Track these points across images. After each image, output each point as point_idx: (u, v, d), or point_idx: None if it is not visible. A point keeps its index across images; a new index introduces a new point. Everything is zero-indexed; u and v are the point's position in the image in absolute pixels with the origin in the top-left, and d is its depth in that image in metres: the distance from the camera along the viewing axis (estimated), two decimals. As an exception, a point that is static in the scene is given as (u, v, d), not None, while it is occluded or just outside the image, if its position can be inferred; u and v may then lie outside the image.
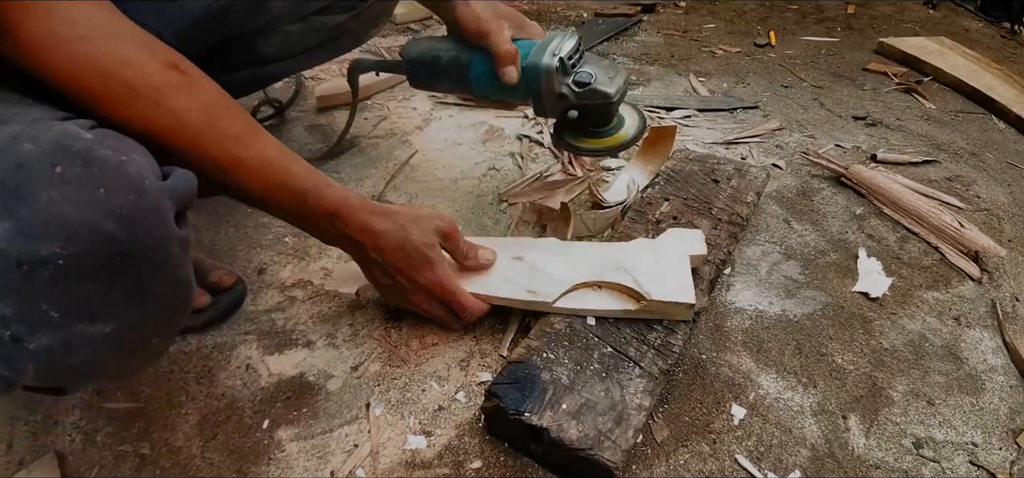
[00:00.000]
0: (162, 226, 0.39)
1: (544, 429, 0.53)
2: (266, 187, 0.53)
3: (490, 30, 0.67)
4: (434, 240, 0.62)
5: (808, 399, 0.62)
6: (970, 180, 1.00)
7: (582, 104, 0.67)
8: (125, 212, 0.37)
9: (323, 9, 0.81)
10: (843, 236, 0.85)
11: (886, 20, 1.79)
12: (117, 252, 0.37)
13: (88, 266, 0.36)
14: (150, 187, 0.39)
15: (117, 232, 0.36)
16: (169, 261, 0.40)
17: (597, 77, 0.65)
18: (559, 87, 0.66)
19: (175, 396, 0.62)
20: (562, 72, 0.65)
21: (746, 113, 1.21)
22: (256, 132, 0.53)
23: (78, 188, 0.36)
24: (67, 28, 0.42)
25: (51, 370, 0.38)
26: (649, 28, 1.69)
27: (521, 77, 0.67)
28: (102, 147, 0.38)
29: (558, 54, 0.65)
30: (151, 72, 0.46)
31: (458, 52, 0.72)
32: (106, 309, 0.38)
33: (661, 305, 0.62)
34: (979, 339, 0.70)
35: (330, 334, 0.69)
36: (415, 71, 0.77)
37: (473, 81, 0.72)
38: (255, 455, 0.57)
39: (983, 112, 1.24)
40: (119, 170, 0.38)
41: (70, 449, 0.57)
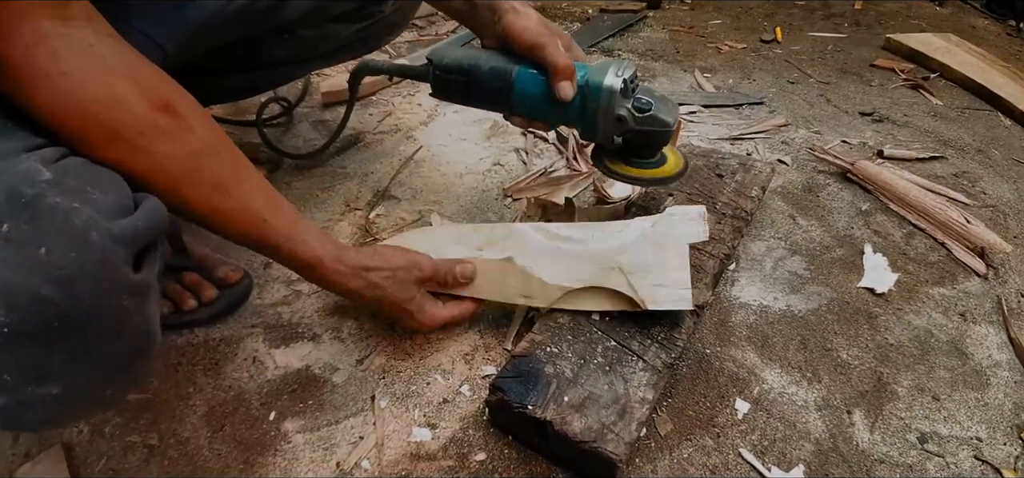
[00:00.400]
0: (107, 282, 0.38)
1: (548, 422, 0.53)
2: (245, 234, 0.53)
3: (545, 43, 0.63)
4: (412, 293, 0.62)
5: (812, 394, 0.62)
6: (976, 176, 0.99)
7: (640, 129, 0.64)
8: (63, 273, 0.35)
9: (339, 17, 0.80)
10: (849, 232, 0.85)
11: (893, 16, 1.78)
12: (54, 316, 0.35)
13: (28, 332, 0.35)
14: (96, 239, 0.37)
15: (54, 295, 0.35)
16: (116, 316, 0.39)
17: (656, 105, 0.64)
18: (619, 109, 0.64)
19: (183, 388, 0.63)
20: (624, 93, 0.64)
21: (752, 109, 1.20)
22: (240, 179, 0.52)
23: (19, 249, 0.35)
24: (51, 62, 0.40)
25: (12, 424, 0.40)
26: (654, 24, 1.69)
27: (578, 95, 0.64)
28: (54, 193, 0.37)
29: (622, 76, 0.63)
30: (137, 114, 0.44)
31: (502, 63, 0.67)
32: (52, 372, 0.37)
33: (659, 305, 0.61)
34: (984, 335, 0.70)
35: (335, 328, 0.70)
36: (446, 80, 0.71)
37: (516, 95, 0.67)
38: (262, 446, 0.57)
39: (989, 109, 1.23)
40: (64, 223, 0.36)
41: (78, 441, 0.58)
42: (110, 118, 0.43)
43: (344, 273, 0.59)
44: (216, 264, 0.72)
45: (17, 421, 0.39)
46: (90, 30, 0.43)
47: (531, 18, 0.65)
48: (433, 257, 0.64)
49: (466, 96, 0.71)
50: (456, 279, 0.64)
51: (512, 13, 0.65)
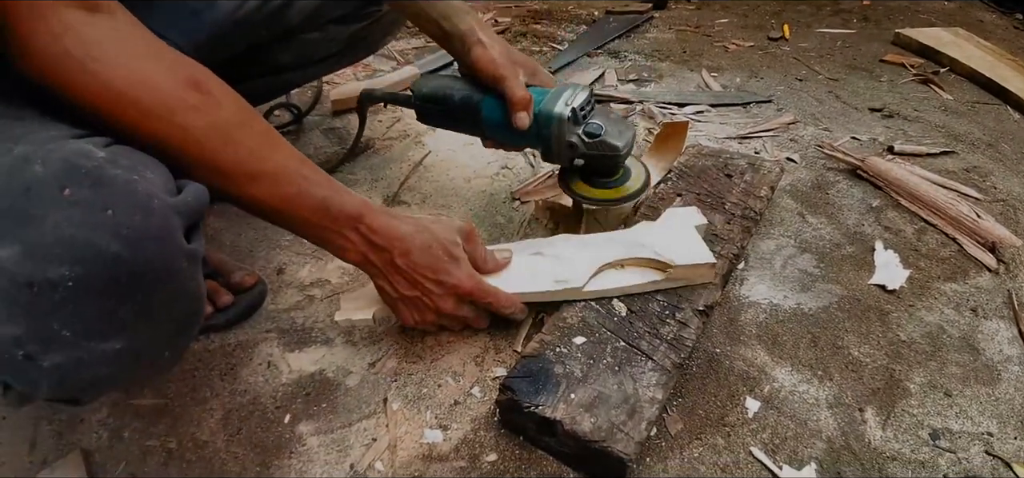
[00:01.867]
0: (169, 244, 0.40)
1: (558, 421, 0.54)
2: (283, 198, 0.53)
3: (505, 75, 0.68)
4: (458, 239, 0.62)
5: (824, 392, 0.62)
6: (987, 171, 0.98)
7: (590, 154, 0.69)
8: (131, 232, 0.38)
9: (340, 18, 0.83)
10: (859, 229, 0.85)
11: (902, 11, 1.76)
12: (123, 272, 0.38)
13: (96, 287, 0.37)
14: (158, 206, 0.39)
15: (123, 252, 0.37)
16: (177, 277, 0.41)
17: (607, 130, 0.68)
18: (569, 136, 0.68)
19: (200, 392, 0.64)
20: (573, 122, 0.68)
21: (759, 107, 1.20)
22: (275, 146, 0.53)
23: (85, 210, 0.37)
24: (81, 49, 0.42)
25: (64, 385, 0.40)
26: (661, 24, 1.69)
27: (533, 123, 0.69)
28: (112, 166, 0.39)
29: (571, 104, 0.68)
30: (165, 90, 0.46)
31: (470, 93, 0.74)
32: (116, 327, 0.39)
33: (685, 270, 0.65)
34: (996, 330, 0.70)
35: (348, 332, 0.71)
36: (426, 109, 0.79)
37: (484, 123, 0.74)
38: (278, 449, 0.58)
39: (999, 103, 1.22)
40: (127, 190, 0.39)
41: (97, 445, 0.59)
42: (141, 97, 0.44)
43: (394, 214, 0.60)
44: (232, 269, 0.74)
45: (71, 382, 0.39)
46: (115, 19, 0.45)
47: (495, 50, 0.70)
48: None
49: (445, 122, 0.79)
50: (487, 259, 0.65)
51: (478, 46, 0.70)
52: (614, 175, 0.73)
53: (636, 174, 0.76)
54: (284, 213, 0.54)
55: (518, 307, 0.65)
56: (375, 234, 0.57)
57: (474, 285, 0.62)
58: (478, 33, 0.70)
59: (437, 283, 0.60)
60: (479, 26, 0.71)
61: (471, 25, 0.71)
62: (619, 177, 0.74)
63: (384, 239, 0.58)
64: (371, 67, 1.43)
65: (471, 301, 0.63)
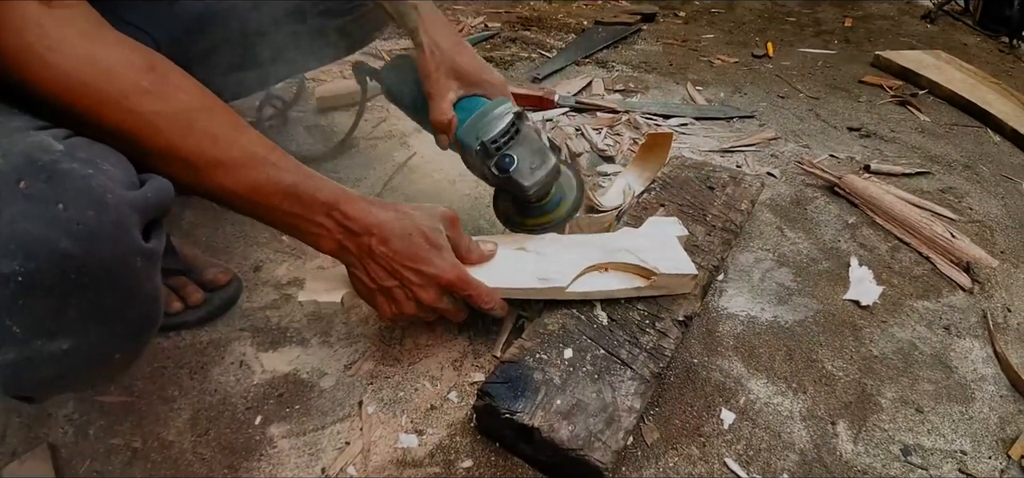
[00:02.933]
0: (123, 242, 0.39)
1: (535, 429, 0.53)
2: (250, 186, 0.50)
3: (432, 93, 0.67)
4: (440, 226, 0.60)
5: (797, 404, 0.63)
6: (963, 192, 1.00)
7: (499, 188, 0.68)
8: (82, 229, 0.37)
9: (323, 12, 0.81)
10: (835, 245, 0.86)
11: (883, 34, 1.81)
12: (72, 269, 0.36)
13: (45, 283, 0.36)
14: (112, 201, 0.38)
15: (72, 249, 0.36)
16: (131, 277, 0.40)
17: (519, 165, 0.64)
18: (481, 168, 0.67)
19: (168, 391, 0.62)
20: (484, 154, 0.65)
21: (742, 122, 1.22)
22: (240, 131, 0.51)
23: (38, 204, 0.36)
24: (38, 38, 0.42)
25: (16, 383, 0.39)
26: (648, 37, 1.70)
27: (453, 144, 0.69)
28: (69, 160, 0.38)
29: (481, 138, 0.65)
30: (122, 78, 0.45)
31: (417, 95, 0.71)
32: (64, 326, 0.38)
33: (668, 279, 0.66)
34: (969, 348, 0.71)
35: (324, 332, 0.70)
36: (390, 95, 0.79)
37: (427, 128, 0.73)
38: (247, 451, 0.57)
39: (978, 125, 1.25)
40: (81, 184, 0.38)
41: (63, 441, 0.57)
42: (98, 85, 0.44)
43: (371, 201, 0.57)
44: (205, 266, 0.72)
45: (21, 379, 0.38)
46: (73, 11, 0.44)
47: (433, 59, 0.67)
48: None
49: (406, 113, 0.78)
50: (471, 249, 0.63)
51: (421, 51, 0.67)
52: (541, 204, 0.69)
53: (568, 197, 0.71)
54: (253, 202, 0.51)
55: (498, 303, 0.63)
56: (351, 220, 0.55)
57: (456, 275, 0.59)
58: (423, 34, 0.67)
59: (417, 272, 0.58)
60: (425, 26, 0.67)
61: (416, 24, 0.67)
62: (546, 202, 0.70)
63: (361, 225, 0.55)
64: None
65: (451, 292, 0.61)
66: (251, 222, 0.85)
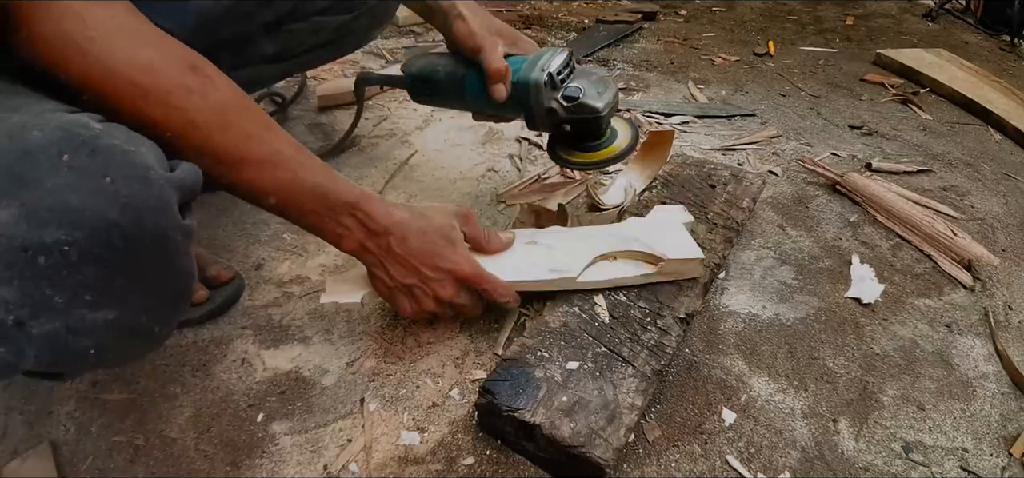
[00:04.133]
0: (166, 216, 0.40)
1: (537, 426, 0.53)
2: (278, 184, 0.52)
3: (483, 46, 0.69)
4: (455, 223, 0.62)
5: (799, 402, 0.63)
6: (965, 190, 1.00)
7: (571, 118, 0.68)
8: (130, 200, 0.38)
9: (325, 9, 0.82)
10: (837, 243, 0.86)
11: (884, 32, 1.80)
12: (121, 239, 0.37)
13: (92, 253, 0.37)
14: (155, 177, 0.40)
15: (120, 219, 0.37)
16: (172, 250, 0.41)
17: (586, 91, 0.67)
18: (548, 101, 0.67)
19: (170, 388, 0.62)
20: (551, 86, 0.67)
21: (744, 120, 1.22)
22: (272, 132, 0.53)
23: (84, 176, 0.36)
24: (78, 28, 0.42)
25: (53, 355, 0.39)
26: (650, 35, 1.70)
27: (512, 92, 0.69)
28: (109, 137, 0.39)
29: (547, 69, 0.67)
30: (164, 74, 0.46)
31: (454, 68, 0.74)
32: (109, 296, 0.39)
33: (676, 264, 0.67)
34: (971, 346, 0.71)
35: (326, 330, 0.70)
36: (416, 87, 0.79)
37: (469, 96, 0.74)
38: (249, 448, 0.57)
39: (980, 123, 1.25)
40: (125, 159, 0.38)
41: (65, 439, 0.57)
42: (139, 79, 0.45)
43: (389, 202, 0.59)
44: (208, 263, 0.72)
45: (61, 351, 0.38)
46: (113, 5, 0.45)
47: (474, 22, 0.70)
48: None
49: (435, 99, 0.79)
50: (489, 238, 0.65)
51: (458, 19, 0.71)
52: (600, 137, 0.71)
53: (623, 133, 0.73)
54: (279, 199, 0.53)
55: (512, 295, 0.64)
56: (372, 220, 0.57)
57: (473, 270, 0.61)
58: (458, 7, 0.71)
59: (435, 268, 0.60)
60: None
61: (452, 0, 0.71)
62: (606, 138, 0.72)
63: (381, 225, 0.57)
64: (359, 64, 1.42)
65: (468, 286, 0.62)
66: (252, 221, 0.86)
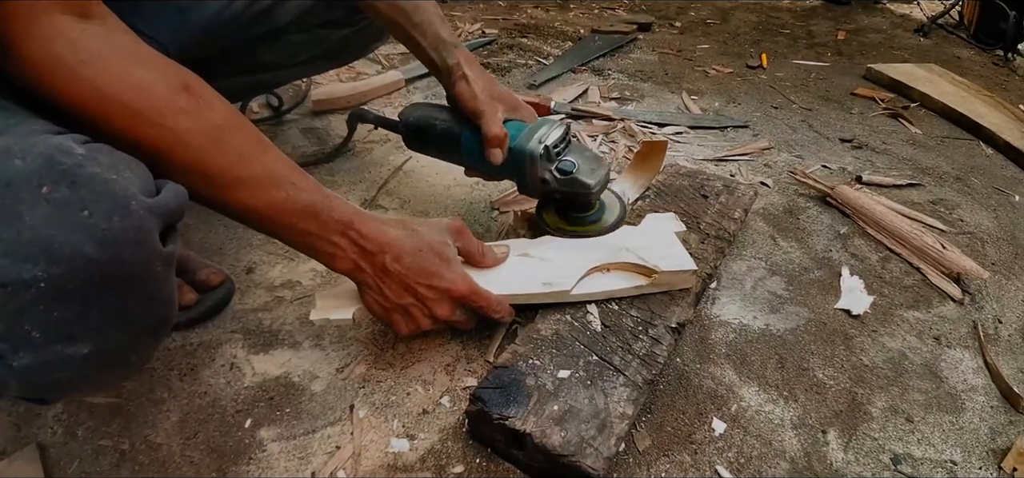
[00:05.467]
0: (145, 247, 0.39)
1: (527, 434, 0.53)
2: (270, 204, 0.52)
3: (483, 111, 0.70)
4: (448, 238, 0.62)
5: (788, 412, 0.63)
6: (954, 204, 1.01)
7: (563, 191, 0.71)
8: (107, 234, 0.37)
9: (327, 22, 0.82)
10: (827, 254, 0.87)
11: (876, 47, 1.82)
12: (97, 274, 0.37)
13: (68, 288, 0.36)
14: (136, 207, 0.39)
15: (97, 254, 0.36)
16: (150, 281, 0.40)
17: (579, 167, 0.69)
18: (542, 172, 0.70)
19: (157, 393, 0.62)
20: (546, 159, 0.70)
21: (736, 132, 1.22)
22: (264, 150, 0.52)
23: (62, 209, 0.36)
24: (71, 53, 0.42)
25: (32, 386, 0.39)
26: (644, 46, 1.72)
27: (508, 157, 0.71)
28: (91, 164, 0.38)
29: (544, 142, 0.69)
30: (156, 95, 0.46)
31: (452, 125, 0.76)
32: (85, 330, 0.38)
33: (669, 276, 0.67)
34: (959, 359, 0.71)
35: (317, 335, 0.69)
36: (411, 136, 0.82)
37: (464, 154, 0.76)
38: (236, 454, 0.57)
39: (970, 138, 1.26)
40: (105, 190, 0.38)
41: (52, 441, 0.57)
42: (132, 101, 0.44)
43: (383, 220, 0.59)
44: (198, 267, 0.72)
45: (38, 383, 0.38)
46: (106, 25, 0.45)
47: (477, 85, 0.72)
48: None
49: (429, 150, 0.82)
50: (484, 253, 0.65)
51: (462, 81, 0.72)
52: (589, 210, 0.74)
53: (610, 209, 0.76)
54: (272, 219, 0.52)
55: (506, 311, 0.64)
56: (365, 240, 0.56)
57: (468, 288, 0.60)
58: (463, 68, 0.72)
59: (430, 287, 0.59)
60: (465, 61, 0.73)
61: (458, 60, 0.73)
62: (595, 211, 0.75)
63: (375, 244, 0.57)
64: (356, 69, 1.42)
65: (463, 304, 0.62)
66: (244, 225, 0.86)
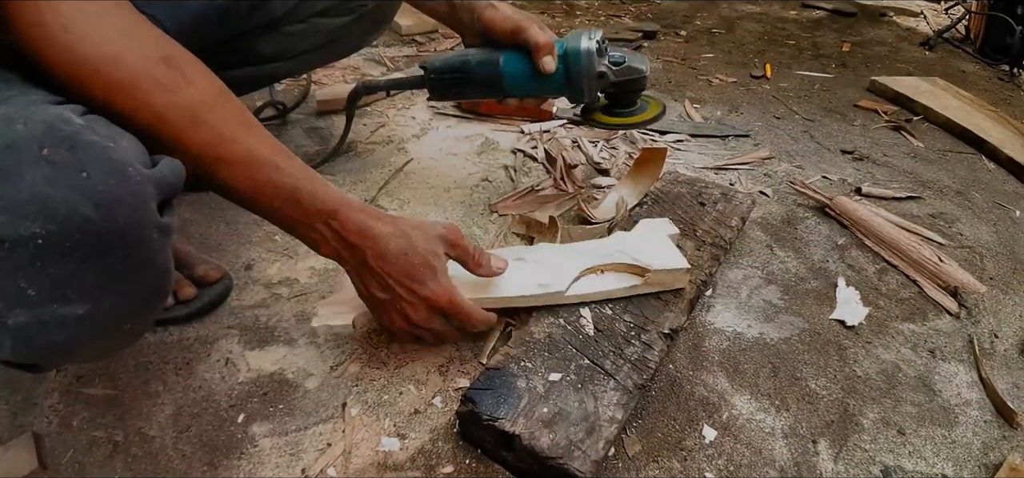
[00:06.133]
0: (141, 212, 0.40)
1: (516, 436, 0.54)
2: (253, 185, 0.51)
3: (524, 25, 0.72)
4: (439, 248, 0.60)
5: (780, 422, 0.63)
6: (953, 217, 1.01)
7: (619, 79, 0.75)
8: (104, 196, 0.38)
9: (324, 11, 0.83)
10: (824, 265, 0.87)
11: (880, 60, 1.82)
12: (93, 234, 0.38)
13: (65, 247, 0.37)
14: (133, 173, 0.40)
15: (93, 215, 0.37)
16: (146, 247, 0.41)
17: (628, 58, 0.75)
18: (599, 67, 0.74)
19: (152, 385, 0.62)
20: (599, 54, 0.74)
21: (737, 141, 1.23)
22: (249, 131, 0.51)
23: (62, 170, 0.37)
24: (54, 18, 0.42)
25: (27, 346, 0.39)
26: (649, 54, 1.72)
27: (560, 64, 0.74)
28: (90, 132, 0.39)
29: (594, 39, 0.73)
30: (134, 67, 0.45)
31: (488, 55, 0.77)
32: (80, 291, 0.39)
33: (663, 275, 0.69)
34: (954, 372, 0.71)
35: (312, 333, 0.70)
36: (441, 80, 0.81)
37: (506, 79, 0.77)
38: (228, 449, 0.57)
39: (973, 152, 1.26)
40: (103, 155, 0.39)
41: (47, 430, 0.58)
42: (111, 72, 0.44)
43: (372, 213, 0.57)
44: (196, 262, 0.72)
45: (33, 343, 0.39)
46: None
47: (506, 8, 0.73)
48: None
49: (462, 91, 0.81)
50: (480, 261, 0.62)
51: (490, 9, 0.74)
52: (636, 102, 0.80)
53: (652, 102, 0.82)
54: (255, 201, 0.52)
55: (490, 322, 0.64)
56: (348, 232, 0.55)
57: (448, 300, 0.59)
58: None
59: (409, 291, 0.58)
60: None
61: None
62: (638, 106, 0.81)
63: (358, 238, 0.56)
64: (360, 71, 1.43)
65: (444, 315, 0.61)
66: (245, 221, 0.87)
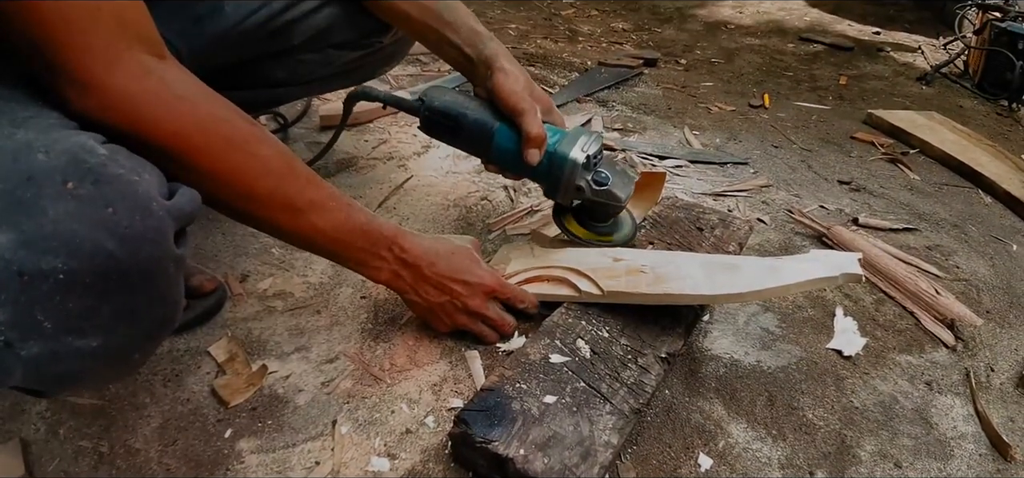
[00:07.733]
0: (162, 247, 0.41)
1: (509, 459, 0.53)
2: (335, 224, 0.58)
3: (525, 109, 0.69)
4: (470, 248, 0.70)
5: (776, 451, 0.62)
6: (950, 250, 1.01)
7: (595, 200, 0.73)
8: (129, 232, 0.38)
9: (341, 44, 0.83)
10: (821, 294, 0.86)
11: (877, 93, 1.85)
12: (115, 271, 0.38)
13: (85, 283, 0.37)
14: (156, 208, 0.40)
15: (118, 251, 0.38)
16: (162, 281, 0.42)
17: (613, 180, 0.72)
18: (579, 180, 0.72)
19: (140, 397, 0.61)
20: (585, 168, 0.71)
21: (736, 168, 1.23)
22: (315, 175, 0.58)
23: (86, 205, 0.37)
24: (165, 88, 0.45)
25: (37, 377, 0.39)
26: (649, 81, 1.74)
27: (545, 160, 0.71)
28: (114, 165, 0.39)
29: (586, 151, 0.71)
30: (240, 126, 0.51)
31: (485, 117, 0.73)
32: (96, 324, 0.39)
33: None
34: (950, 405, 0.71)
35: (304, 347, 0.69)
36: (435, 121, 0.76)
37: (494, 149, 0.74)
38: (213, 464, 0.56)
39: (970, 186, 1.26)
40: (129, 189, 0.39)
41: (34, 438, 0.57)
42: (224, 130, 0.50)
43: (417, 235, 0.66)
44: (191, 273, 0.72)
45: (43, 374, 0.39)
46: (177, 65, 0.49)
47: (518, 82, 0.71)
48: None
49: (451, 139, 0.78)
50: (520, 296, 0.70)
51: (501, 74, 0.71)
52: (608, 221, 0.78)
53: (627, 223, 0.80)
54: (336, 239, 0.59)
55: (532, 302, 0.71)
56: (406, 253, 0.64)
57: (496, 282, 0.69)
58: (501, 61, 0.71)
59: (464, 284, 0.66)
60: (503, 54, 0.72)
61: (495, 51, 0.72)
62: (611, 224, 0.78)
63: (413, 256, 0.64)
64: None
65: (494, 296, 0.69)
66: (242, 232, 0.86)
